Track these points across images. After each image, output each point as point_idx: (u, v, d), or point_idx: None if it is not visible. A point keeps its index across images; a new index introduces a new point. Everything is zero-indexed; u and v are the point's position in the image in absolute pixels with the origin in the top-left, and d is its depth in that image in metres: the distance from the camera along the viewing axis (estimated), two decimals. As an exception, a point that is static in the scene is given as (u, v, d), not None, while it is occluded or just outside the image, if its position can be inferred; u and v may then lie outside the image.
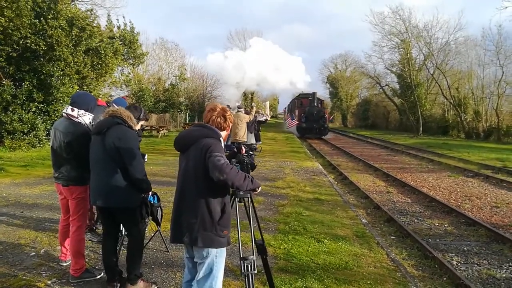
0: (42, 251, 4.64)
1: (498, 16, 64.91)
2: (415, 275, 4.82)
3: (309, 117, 28.85)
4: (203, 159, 2.67)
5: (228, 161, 2.70)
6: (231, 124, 3.02)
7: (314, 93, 30.51)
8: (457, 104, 33.76)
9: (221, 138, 2.86)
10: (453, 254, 5.78)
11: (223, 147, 2.82)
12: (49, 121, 14.97)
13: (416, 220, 7.57)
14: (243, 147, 3.33)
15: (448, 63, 36.25)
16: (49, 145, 3.97)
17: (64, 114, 3.85)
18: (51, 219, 5.91)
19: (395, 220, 7.20)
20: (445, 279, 4.86)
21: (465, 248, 6.02)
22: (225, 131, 2.99)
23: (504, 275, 5.07)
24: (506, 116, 30.80)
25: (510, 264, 5.40)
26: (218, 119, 2.93)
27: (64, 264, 4.15)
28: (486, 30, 39.57)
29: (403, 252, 5.77)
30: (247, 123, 10.91)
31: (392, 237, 6.50)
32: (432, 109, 39.27)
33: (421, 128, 36.05)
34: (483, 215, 7.91)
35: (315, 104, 29.80)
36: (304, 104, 31.66)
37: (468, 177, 12.45)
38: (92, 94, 15.45)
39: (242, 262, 3.02)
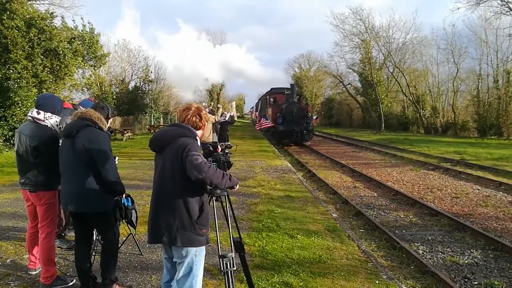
0: (8, 260, 4.45)
1: (451, 16, 68.04)
2: (385, 265, 5.01)
3: (287, 117, 21.62)
4: (180, 159, 2.67)
5: (205, 159, 2.71)
6: (206, 123, 3.03)
7: (292, 86, 23.64)
8: (415, 101, 35.20)
9: (197, 137, 2.87)
10: (419, 244, 6.05)
11: (199, 146, 2.82)
12: (6, 127, 14.27)
13: (382, 213, 7.85)
14: (219, 146, 3.35)
15: (406, 62, 37.73)
16: (6, 151, 3.80)
17: (29, 118, 3.70)
18: (15, 228, 5.66)
19: (363, 213, 7.44)
20: (412, 267, 5.09)
21: (430, 238, 6.32)
22: (201, 130, 2.99)
23: (466, 261, 5.37)
24: (461, 111, 32.43)
25: (471, 251, 5.71)
26: (194, 118, 2.93)
27: (33, 273, 4.00)
28: (440, 30, 41.57)
29: (372, 244, 5.98)
30: (212, 123, 10.89)
31: (362, 230, 6.71)
32: (392, 106, 40.73)
33: (383, 125, 37.27)
34: (444, 206, 8.31)
35: (294, 100, 22.70)
36: (278, 101, 25.45)
37: (429, 170, 13.02)
38: (53, 97, 14.88)
39: (221, 259, 3.04)
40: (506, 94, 27.49)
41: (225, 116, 15.13)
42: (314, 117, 30.09)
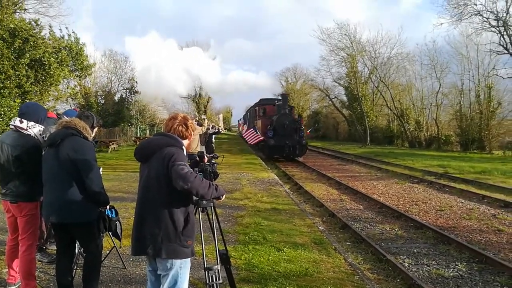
0: (-15, 275, 4.29)
1: (432, 33, 69.73)
2: (372, 278, 5.00)
3: (278, 130, 20.00)
4: (165, 168, 2.63)
5: (191, 169, 2.68)
6: (193, 133, 3.01)
7: (284, 96, 22.65)
8: (400, 114, 35.74)
9: (183, 147, 2.84)
10: (405, 257, 6.07)
11: (185, 155, 2.80)
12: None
13: (369, 225, 7.86)
14: (205, 156, 3.32)
15: (391, 76, 38.42)
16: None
17: (12, 126, 3.63)
18: (-6, 241, 5.48)
19: (350, 226, 7.45)
20: (398, 280, 5.09)
21: (415, 250, 6.34)
22: (187, 139, 2.97)
23: (451, 274, 5.40)
24: (444, 125, 33.03)
25: (456, 263, 5.75)
26: (180, 128, 2.90)
27: (13, 287, 3.86)
28: (422, 46, 42.56)
29: (358, 256, 5.97)
30: (200, 135, 10.86)
31: (348, 243, 6.70)
32: (378, 120, 41.27)
33: (368, 138, 37.67)
34: (429, 219, 8.38)
35: (286, 111, 21.02)
36: (268, 112, 23.49)
37: (413, 183, 13.16)
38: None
39: (206, 272, 2.99)
40: (487, 108, 28.13)
41: (215, 129, 15.11)
42: (308, 130, 27.63)
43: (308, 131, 25.19)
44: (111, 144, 23.55)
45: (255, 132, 21.14)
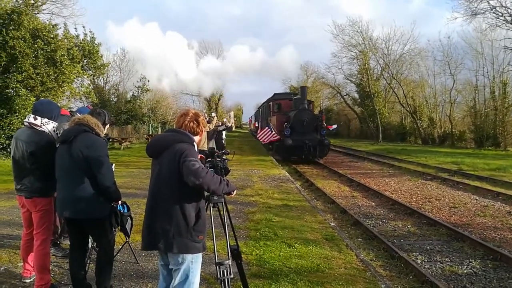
0: (2, 268, 4.38)
1: (446, 28, 68.59)
2: (384, 275, 4.96)
3: (296, 128, 17.65)
4: (177, 164, 2.65)
5: (203, 165, 2.69)
6: (204, 129, 3.02)
7: (303, 88, 19.71)
8: (413, 111, 35.32)
9: (194, 143, 2.85)
10: (417, 253, 6.01)
11: (197, 151, 2.81)
12: (3, 135, 14.25)
13: (381, 222, 7.81)
14: (217, 152, 3.33)
15: (403, 73, 37.99)
16: (3, 160, 3.77)
17: (26, 123, 3.69)
18: (10, 235, 5.60)
19: (361, 223, 7.40)
20: (411, 277, 5.04)
21: (428, 247, 6.27)
22: (198, 136, 2.98)
23: (465, 271, 5.32)
24: (458, 122, 32.56)
25: (470, 260, 5.67)
26: (191, 124, 2.92)
27: (28, 281, 3.94)
28: (436, 41, 41.95)
29: (370, 253, 5.93)
30: (207, 132, 10.91)
31: (360, 239, 6.67)
32: (390, 117, 40.86)
33: (380, 135, 37.34)
34: (442, 216, 8.27)
35: (305, 106, 18.48)
36: (283, 107, 21.00)
37: (426, 180, 13.01)
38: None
39: (218, 267, 3.01)
40: (502, 105, 27.63)
41: (225, 125, 15.14)
42: (333, 126, 22.56)
43: (331, 127, 20.98)
44: (123, 142, 23.79)
45: (270, 131, 18.37)
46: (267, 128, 18.80)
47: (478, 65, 30.19)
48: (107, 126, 4.09)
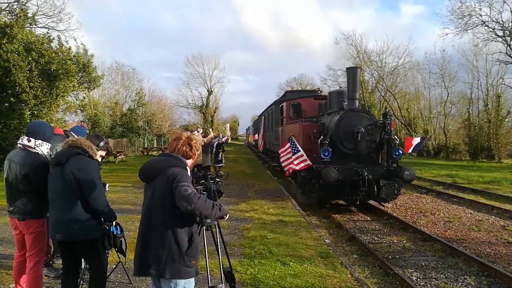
0: (-7, 290, 4.34)
1: (441, 41, 69.73)
2: (378, 293, 4.95)
3: (345, 144, 9.64)
4: (169, 189, 2.65)
5: (195, 190, 2.70)
6: (197, 152, 3.03)
7: (354, 69, 11.17)
8: (407, 123, 35.57)
9: (187, 167, 2.86)
10: (413, 270, 6.00)
11: (189, 176, 2.82)
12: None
13: (376, 238, 7.80)
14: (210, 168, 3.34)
15: (398, 85, 38.32)
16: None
17: (19, 145, 3.69)
18: (2, 255, 5.54)
19: (357, 238, 7.40)
20: (406, 295, 5.03)
21: (423, 263, 6.27)
22: (191, 159, 2.99)
23: (460, 288, 5.32)
24: (453, 134, 32.81)
25: (465, 277, 5.67)
26: (184, 148, 2.93)
27: (19, 303, 3.89)
28: (431, 55, 42.46)
29: (365, 270, 5.92)
30: (202, 146, 10.88)
31: (355, 255, 6.65)
32: (385, 129, 41.01)
33: (375, 147, 37.37)
34: (437, 230, 8.28)
35: (357, 105, 10.18)
36: (306, 110, 13.38)
37: (421, 193, 13.05)
38: (45, 119, 14.92)
39: (211, 291, 2.99)
40: (496, 117, 27.94)
41: (220, 139, 15.13)
42: (417, 140, 11.81)
43: (413, 143, 11.66)
44: (118, 155, 23.72)
45: (293, 152, 9.67)
46: (288, 146, 9.87)
47: (472, 78, 30.62)
48: (101, 153, 4.07)
